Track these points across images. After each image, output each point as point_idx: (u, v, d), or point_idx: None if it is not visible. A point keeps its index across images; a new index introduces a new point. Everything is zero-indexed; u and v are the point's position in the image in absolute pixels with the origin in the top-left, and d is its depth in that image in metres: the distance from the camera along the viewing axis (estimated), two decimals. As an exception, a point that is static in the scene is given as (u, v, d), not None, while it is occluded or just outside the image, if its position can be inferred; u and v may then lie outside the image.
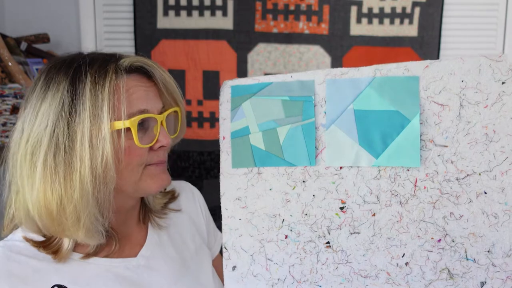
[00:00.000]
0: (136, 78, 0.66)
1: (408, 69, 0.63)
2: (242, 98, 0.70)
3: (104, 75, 0.61)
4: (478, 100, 0.60)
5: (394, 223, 0.63)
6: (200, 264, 0.79)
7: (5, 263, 0.61)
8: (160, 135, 0.66)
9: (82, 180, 0.58)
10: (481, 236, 0.60)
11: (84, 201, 0.59)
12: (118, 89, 0.61)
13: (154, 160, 0.67)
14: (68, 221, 0.60)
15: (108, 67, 0.62)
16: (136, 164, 0.64)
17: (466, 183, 0.61)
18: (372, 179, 0.64)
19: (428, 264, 0.62)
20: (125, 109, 0.61)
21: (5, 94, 0.94)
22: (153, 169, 0.67)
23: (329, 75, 0.66)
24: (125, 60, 0.64)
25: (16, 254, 0.62)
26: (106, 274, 0.66)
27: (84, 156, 0.58)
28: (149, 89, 0.67)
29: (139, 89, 0.65)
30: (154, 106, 0.66)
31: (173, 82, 0.70)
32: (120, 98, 0.61)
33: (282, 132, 0.67)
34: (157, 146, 0.66)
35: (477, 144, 0.60)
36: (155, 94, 0.68)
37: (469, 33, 1.55)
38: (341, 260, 0.65)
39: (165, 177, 0.69)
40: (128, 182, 0.65)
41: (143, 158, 0.65)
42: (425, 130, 0.62)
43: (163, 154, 0.68)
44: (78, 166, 0.58)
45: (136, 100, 0.64)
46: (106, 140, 0.59)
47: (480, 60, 0.61)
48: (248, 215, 0.69)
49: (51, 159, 0.59)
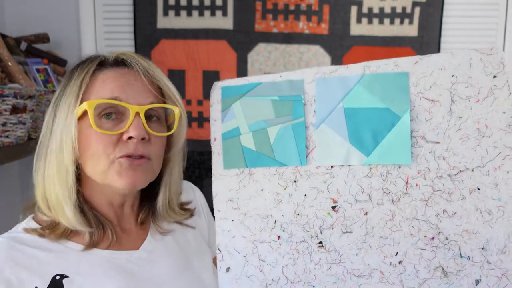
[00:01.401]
0: (121, 71, 0.67)
1: (397, 65, 0.62)
2: (232, 99, 0.70)
3: (85, 67, 0.66)
4: (469, 94, 0.59)
5: (386, 221, 0.62)
6: (202, 261, 0.79)
7: (9, 252, 0.62)
8: (131, 126, 0.63)
9: (52, 160, 0.65)
10: (475, 233, 0.59)
11: (56, 182, 0.65)
12: (95, 79, 0.66)
13: (121, 153, 0.63)
14: (51, 199, 0.66)
15: (93, 60, 0.68)
16: (101, 153, 0.63)
17: (459, 180, 0.60)
18: (364, 177, 0.63)
19: (422, 263, 0.61)
20: (93, 96, 0.65)
21: (5, 94, 0.95)
22: (121, 163, 0.63)
23: (318, 74, 0.66)
24: (112, 55, 0.69)
25: (20, 244, 0.64)
26: (108, 265, 0.66)
27: (53, 139, 0.65)
28: (134, 82, 0.66)
29: (118, 79, 0.66)
30: (132, 97, 0.65)
31: (165, 80, 0.70)
32: (92, 86, 0.65)
33: (273, 132, 0.67)
34: (125, 136, 0.64)
35: (469, 140, 0.59)
36: (142, 89, 0.67)
37: (469, 33, 1.55)
38: (334, 260, 0.64)
39: (133, 175, 0.64)
40: (95, 172, 0.65)
41: (108, 147, 0.63)
42: (416, 127, 0.61)
43: (133, 147, 0.64)
44: (50, 148, 0.66)
45: (109, 89, 0.65)
46: (70, 125, 0.64)
47: (471, 54, 0.60)
48: (241, 216, 0.69)
49: (42, 142, 0.68)
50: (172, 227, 0.78)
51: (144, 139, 0.65)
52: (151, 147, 0.67)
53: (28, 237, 0.65)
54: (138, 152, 0.64)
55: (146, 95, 0.67)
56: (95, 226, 0.67)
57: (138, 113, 0.64)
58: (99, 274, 0.65)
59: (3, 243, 0.63)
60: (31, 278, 0.61)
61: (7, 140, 1.02)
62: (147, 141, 0.66)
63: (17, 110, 1.01)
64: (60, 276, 0.63)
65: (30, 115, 1.08)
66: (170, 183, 0.76)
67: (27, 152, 1.08)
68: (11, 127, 1.02)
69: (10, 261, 0.61)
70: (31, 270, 0.62)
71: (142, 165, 0.65)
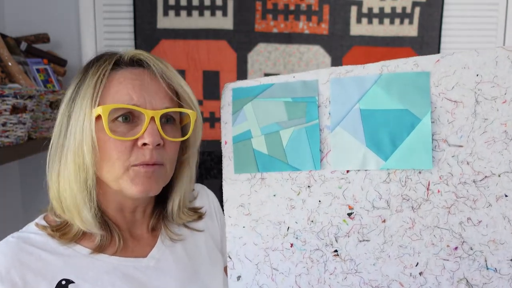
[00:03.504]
0: (136, 72, 0.65)
1: (417, 64, 0.59)
2: (243, 100, 0.67)
3: (101, 66, 0.64)
4: (495, 95, 0.56)
5: (406, 229, 0.59)
6: (212, 270, 0.77)
7: (18, 253, 0.62)
8: (146, 131, 0.61)
9: (69, 162, 0.63)
10: (502, 243, 0.55)
11: (73, 183, 0.63)
12: (111, 80, 0.64)
13: (139, 160, 0.62)
14: (67, 201, 0.64)
15: (108, 59, 0.65)
16: (116, 159, 0.62)
17: (484, 186, 0.56)
18: (381, 183, 0.60)
19: (444, 274, 0.57)
20: (110, 99, 0.63)
21: (5, 94, 0.94)
22: (136, 171, 0.62)
23: (333, 74, 0.63)
24: (128, 53, 0.67)
25: (29, 245, 0.63)
26: (114, 272, 0.65)
27: (71, 140, 0.63)
28: (150, 85, 0.64)
29: (134, 81, 0.63)
30: (148, 102, 0.63)
31: (181, 83, 0.68)
32: (108, 88, 0.63)
33: (285, 135, 0.64)
34: (140, 142, 0.62)
35: (495, 143, 0.56)
36: (158, 92, 0.65)
37: (469, 33, 1.55)
38: (350, 270, 0.61)
39: (147, 183, 0.63)
40: (110, 177, 0.64)
41: (123, 153, 0.61)
42: (437, 129, 0.58)
43: (149, 154, 0.62)
44: (67, 148, 0.63)
45: (125, 92, 0.62)
46: (86, 127, 0.62)
47: (497, 52, 0.56)
48: (252, 223, 0.66)
49: (55, 142, 0.66)
50: (181, 232, 0.76)
51: (159, 145, 0.63)
52: (165, 152, 0.65)
53: (38, 238, 0.65)
54: (154, 158, 0.63)
55: (162, 99, 0.65)
56: (104, 230, 0.67)
57: (154, 118, 0.62)
58: (105, 281, 0.64)
59: (13, 243, 0.63)
60: (37, 281, 0.61)
61: (7, 140, 1.02)
62: (161, 147, 0.64)
63: (17, 110, 1.01)
64: (66, 281, 0.62)
65: (30, 115, 1.08)
66: (183, 186, 0.74)
67: (27, 152, 1.08)
68: (11, 127, 1.02)
69: (17, 262, 0.61)
70: (37, 273, 0.61)
71: (155, 172, 0.64)
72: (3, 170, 1.43)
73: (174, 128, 0.68)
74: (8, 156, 1.02)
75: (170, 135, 0.65)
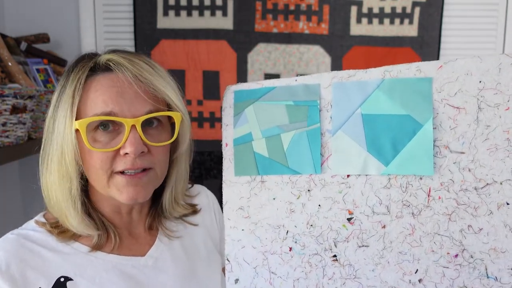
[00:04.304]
0: (113, 78, 0.62)
1: (420, 70, 0.59)
2: (245, 103, 0.67)
3: (78, 73, 0.62)
4: (498, 102, 0.55)
5: (406, 236, 0.58)
6: (209, 270, 0.77)
7: (18, 249, 0.62)
8: (127, 141, 0.60)
9: (53, 171, 0.63)
10: (503, 251, 0.55)
11: (58, 191, 0.64)
12: (87, 89, 0.62)
13: (121, 167, 0.61)
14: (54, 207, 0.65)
15: (85, 65, 0.63)
16: (99, 168, 0.61)
17: (486, 193, 0.55)
18: (382, 188, 0.59)
19: (444, 282, 0.57)
20: (88, 109, 0.61)
21: (5, 94, 0.95)
22: (119, 180, 0.62)
23: (335, 78, 0.63)
24: (102, 58, 0.64)
25: (29, 242, 0.64)
26: (113, 270, 0.66)
27: (54, 148, 0.63)
28: (127, 90, 0.61)
29: (110, 89, 0.61)
30: (127, 109, 0.60)
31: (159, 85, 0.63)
32: (85, 98, 0.62)
33: (286, 138, 0.64)
34: (122, 152, 0.60)
35: (497, 151, 0.55)
36: (137, 96, 0.61)
37: (469, 33, 1.55)
38: (349, 275, 0.61)
39: (133, 191, 0.62)
40: (97, 185, 0.64)
41: (105, 163, 0.61)
42: (439, 136, 0.57)
43: (131, 162, 0.60)
44: (51, 157, 0.63)
45: (102, 101, 0.60)
46: (68, 138, 0.61)
47: (500, 59, 0.56)
48: (251, 226, 0.66)
49: (43, 147, 0.65)
50: (178, 228, 0.76)
51: (144, 153, 0.62)
52: (152, 157, 0.63)
53: (38, 235, 0.65)
54: (137, 165, 0.61)
55: (142, 104, 0.62)
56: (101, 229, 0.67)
57: (134, 126, 0.60)
58: (104, 279, 0.65)
59: (13, 240, 0.64)
60: (36, 277, 0.61)
61: (7, 140, 1.03)
62: (147, 153, 0.62)
63: (17, 110, 1.02)
64: (64, 278, 0.63)
65: (30, 115, 1.08)
66: (176, 182, 0.74)
67: (27, 152, 1.08)
68: (11, 127, 1.03)
69: (17, 258, 0.61)
70: (37, 269, 0.62)
71: (142, 178, 0.62)
72: (3, 170, 1.43)
73: (160, 130, 0.65)
74: (8, 156, 1.02)
75: (155, 139, 0.63)
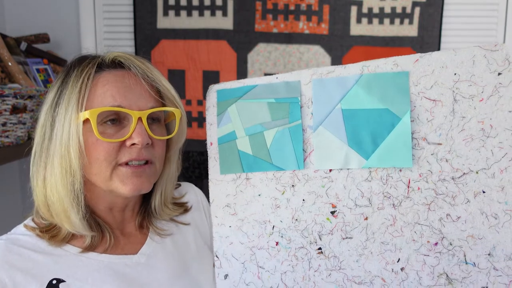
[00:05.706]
0: (119, 74, 0.65)
1: (397, 64, 0.60)
2: (228, 102, 0.68)
3: (84, 69, 0.64)
4: (472, 93, 0.57)
5: (387, 226, 0.60)
6: (201, 266, 0.78)
7: (6, 255, 0.63)
8: (134, 132, 0.63)
9: (55, 166, 0.63)
10: (480, 238, 0.57)
11: (60, 187, 0.63)
12: (95, 84, 0.64)
13: (126, 158, 0.63)
14: (54, 205, 0.65)
15: (91, 62, 0.65)
16: (103, 160, 0.63)
17: (463, 183, 0.57)
18: (363, 181, 0.61)
19: (425, 269, 0.59)
20: (95, 104, 0.63)
21: (5, 94, 0.94)
22: (124, 171, 0.63)
23: (315, 75, 0.64)
24: (109, 56, 0.67)
25: (18, 247, 0.64)
26: (105, 270, 0.66)
27: (56, 144, 0.63)
28: (134, 86, 0.65)
29: (118, 84, 0.64)
30: (134, 103, 0.64)
31: (163, 82, 0.68)
32: (93, 92, 0.63)
33: (269, 135, 0.65)
34: (128, 143, 0.63)
35: (473, 141, 0.57)
36: (143, 93, 0.65)
37: (469, 33, 1.55)
38: (334, 267, 0.62)
39: (137, 182, 0.64)
40: (99, 178, 0.65)
41: (110, 154, 0.62)
42: (417, 128, 0.59)
43: (136, 153, 0.63)
44: (52, 152, 0.64)
45: (110, 95, 0.63)
46: (73, 131, 0.62)
47: (474, 51, 0.57)
48: (238, 222, 0.67)
49: (39, 146, 0.65)
50: (168, 226, 0.77)
51: (148, 145, 0.64)
52: (154, 151, 0.66)
53: (27, 239, 0.65)
54: (142, 156, 0.64)
55: (147, 100, 0.65)
56: (95, 230, 0.67)
57: (141, 119, 0.63)
58: (97, 279, 0.65)
59: (1, 245, 0.64)
60: (26, 281, 0.61)
61: (7, 140, 1.02)
62: (150, 146, 0.65)
63: (17, 110, 1.01)
64: (56, 280, 0.62)
65: (30, 115, 1.08)
66: (166, 182, 0.76)
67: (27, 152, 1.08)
68: (11, 127, 1.02)
69: (5, 264, 0.61)
70: (27, 273, 0.62)
71: (146, 170, 0.65)
72: (3, 170, 1.43)
73: (160, 126, 0.69)
74: (8, 156, 1.02)
75: (157, 133, 0.66)
